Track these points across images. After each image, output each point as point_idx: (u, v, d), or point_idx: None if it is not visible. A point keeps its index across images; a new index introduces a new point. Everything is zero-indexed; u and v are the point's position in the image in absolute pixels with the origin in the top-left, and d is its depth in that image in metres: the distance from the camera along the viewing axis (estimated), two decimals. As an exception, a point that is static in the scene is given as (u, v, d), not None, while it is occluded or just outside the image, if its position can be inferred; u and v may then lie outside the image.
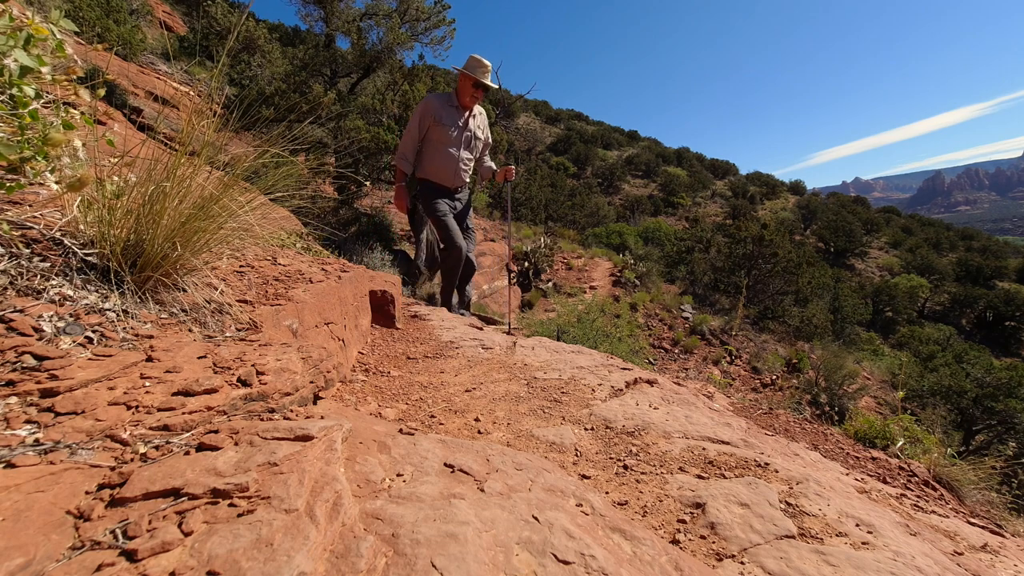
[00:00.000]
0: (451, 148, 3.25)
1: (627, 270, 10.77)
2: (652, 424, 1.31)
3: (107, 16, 8.08)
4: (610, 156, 36.86)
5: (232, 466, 0.63)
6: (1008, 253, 31.84)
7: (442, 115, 3.20)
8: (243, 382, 0.86)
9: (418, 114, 3.21)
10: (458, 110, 3.26)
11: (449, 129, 3.21)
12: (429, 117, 3.21)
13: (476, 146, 3.43)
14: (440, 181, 3.31)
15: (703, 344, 8.55)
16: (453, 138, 3.23)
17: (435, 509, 0.64)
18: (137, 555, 0.48)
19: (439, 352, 2.06)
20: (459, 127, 3.26)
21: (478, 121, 3.41)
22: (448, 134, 3.21)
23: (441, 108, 3.20)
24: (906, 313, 19.77)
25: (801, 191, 38.46)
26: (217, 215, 1.15)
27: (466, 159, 3.35)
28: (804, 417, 2.52)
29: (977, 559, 1.03)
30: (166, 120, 4.88)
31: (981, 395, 8.31)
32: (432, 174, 3.31)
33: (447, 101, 3.23)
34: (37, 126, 0.96)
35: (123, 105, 5.79)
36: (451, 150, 3.25)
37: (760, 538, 0.86)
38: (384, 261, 5.69)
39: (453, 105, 3.24)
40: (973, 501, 1.90)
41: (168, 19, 12.62)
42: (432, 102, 3.21)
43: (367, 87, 7.05)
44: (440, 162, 3.26)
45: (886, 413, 7.27)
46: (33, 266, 0.89)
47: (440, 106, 3.20)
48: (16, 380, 0.68)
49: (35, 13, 0.97)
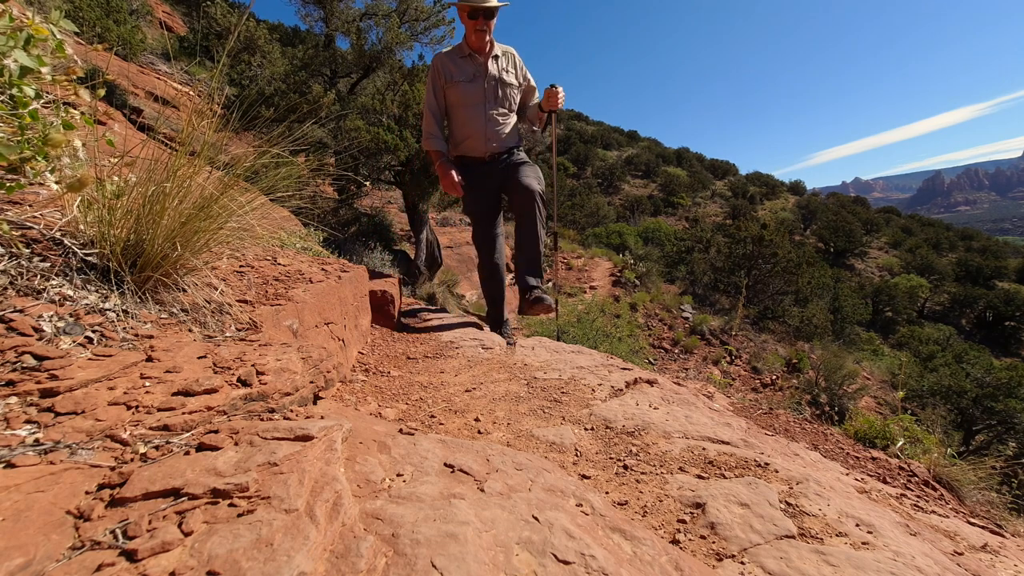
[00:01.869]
0: (474, 106, 2.63)
1: (627, 270, 10.78)
2: (652, 424, 1.31)
3: (107, 16, 8.09)
4: (610, 156, 36.86)
5: (232, 466, 0.63)
6: (1008, 253, 31.87)
7: (452, 71, 2.61)
8: (243, 382, 0.86)
9: (429, 80, 2.67)
10: (470, 58, 2.63)
11: (464, 84, 2.61)
12: (440, 78, 2.64)
13: (509, 94, 2.70)
14: (471, 153, 2.69)
15: (703, 344, 8.55)
16: (472, 93, 2.61)
17: (435, 509, 0.64)
18: (137, 555, 0.48)
19: (439, 352, 2.06)
20: (476, 78, 2.62)
21: (502, 63, 2.70)
22: (465, 91, 2.61)
23: (449, 62, 2.62)
24: (906, 313, 19.78)
25: (801, 191, 38.50)
26: (217, 215, 1.15)
27: (498, 115, 2.66)
28: (804, 417, 2.52)
29: (977, 559, 1.03)
30: (166, 120, 4.88)
31: (981, 395, 8.31)
32: (462, 149, 2.71)
33: (456, 53, 2.65)
34: (37, 126, 0.96)
35: (123, 105, 5.80)
36: (475, 108, 2.63)
37: (760, 538, 0.86)
38: (384, 261, 5.69)
39: (463, 55, 2.64)
40: (973, 501, 1.90)
41: (168, 19, 12.62)
42: (437, 60, 2.66)
43: (367, 87, 7.05)
44: (468, 129, 2.65)
45: (886, 413, 7.27)
46: (33, 266, 0.89)
47: (448, 60, 2.63)
48: (16, 380, 0.68)
49: (35, 13, 0.97)
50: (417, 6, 6.89)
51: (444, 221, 11.46)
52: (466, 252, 10.13)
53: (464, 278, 9.08)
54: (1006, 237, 74.24)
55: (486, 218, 2.75)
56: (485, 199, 2.73)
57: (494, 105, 2.65)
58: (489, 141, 2.64)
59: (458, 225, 11.68)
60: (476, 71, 2.62)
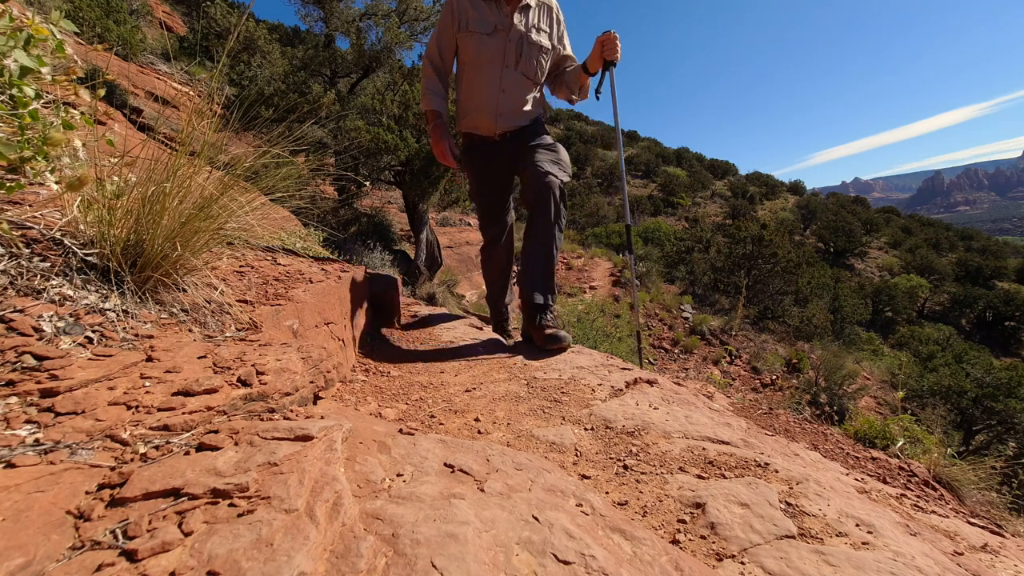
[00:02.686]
0: (488, 68, 2.01)
1: (627, 270, 10.78)
2: (652, 424, 1.31)
3: (107, 16, 8.09)
4: (610, 156, 36.88)
5: (232, 466, 0.63)
6: (1008, 253, 31.90)
7: (470, 16, 2.00)
8: (243, 382, 0.86)
9: (440, 23, 2.09)
10: (495, 3, 2.00)
11: (481, 37, 1.99)
12: (454, 23, 2.03)
13: (535, 60, 2.04)
14: (478, 130, 2.12)
15: (703, 344, 8.56)
16: (489, 50, 1.99)
17: (435, 509, 0.64)
18: (137, 555, 0.48)
19: (439, 352, 2.06)
20: (497, 31, 1.99)
21: (533, 17, 2.04)
22: (481, 45, 1.99)
23: (468, 4, 2.01)
24: (906, 313, 19.79)
25: (801, 191, 38.53)
26: (217, 215, 1.15)
27: (516, 85, 2.04)
28: (804, 417, 2.52)
29: (977, 559, 1.03)
30: (166, 120, 4.88)
31: (981, 395, 8.31)
32: (468, 123, 2.14)
33: None
34: (37, 126, 0.96)
35: (123, 105, 5.80)
36: (488, 71, 2.01)
37: (760, 538, 0.86)
38: (384, 261, 5.69)
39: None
40: (973, 501, 1.90)
41: (168, 19, 12.63)
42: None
43: (367, 87, 7.06)
44: (477, 98, 2.05)
45: (886, 413, 7.27)
46: (33, 266, 0.89)
47: (468, 2, 2.01)
48: (16, 380, 0.68)
49: (35, 13, 0.97)
50: (417, 6, 6.90)
51: (444, 221, 11.46)
52: (466, 252, 10.14)
53: (464, 278, 9.08)
54: (1006, 237, 74.36)
55: (494, 207, 2.24)
56: (493, 184, 2.19)
57: (513, 71, 2.02)
58: (500, 117, 2.05)
59: (458, 225, 11.68)
60: (499, 22, 1.99)
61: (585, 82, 2.14)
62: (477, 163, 2.18)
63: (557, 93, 2.27)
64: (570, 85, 2.17)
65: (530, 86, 2.09)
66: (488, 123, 2.07)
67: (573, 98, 2.23)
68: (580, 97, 2.21)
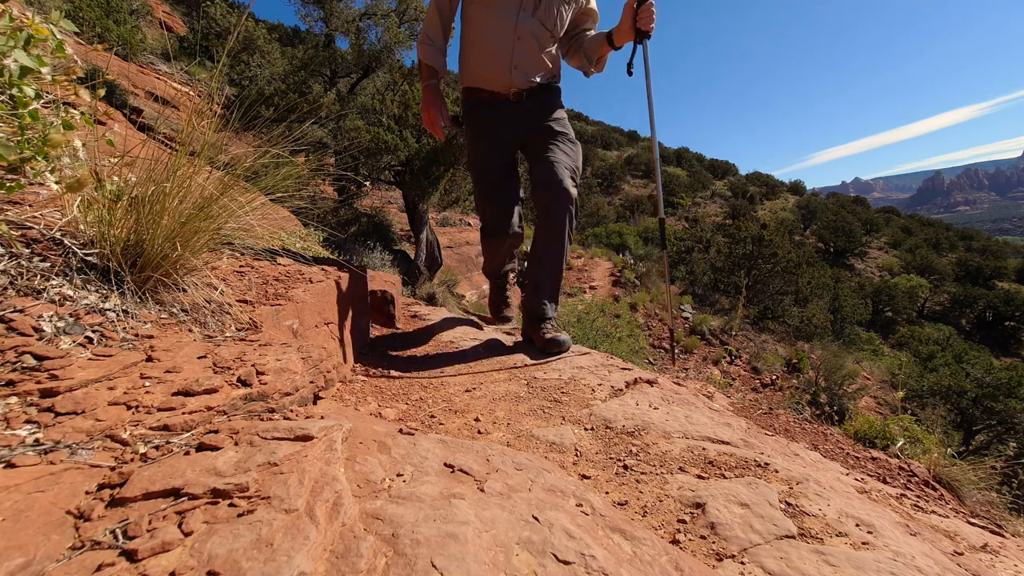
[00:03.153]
0: (502, 12, 1.76)
1: (627, 270, 10.78)
2: (652, 424, 1.31)
3: (107, 16, 8.09)
4: (610, 156, 36.87)
5: (232, 466, 0.63)
6: (1008, 253, 31.91)
7: None
8: (243, 382, 0.86)
9: None
10: None
11: None
12: None
13: (559, 7, 1.79)
14: (488, 85, 1.85)
15: (703, 344, 8.56)
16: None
17: (435, 509, 0.64)
18: (137, 555, 0.48)
19: (439, 352, 2.06)
20: None
21: None
22: None
23: None
24: (906, 313, 19.80)
25: (801, 191, 38.53)
26: (217, 215, 1.15)
27: (534, 34, 1.78)
28: (804, 417, 2.52)
29: (977, 559, 1.03)
30: (166, 120, 4.88)
31: (981, 395, 8.32)
32: (476, 77, 1.87)
33: None
34: (37, 126, 0.96)
35: (123, 105, 5.80)
36: (502, 16, 1.76)
37: (760, 538, 0.86)
38: (384, 261, 5.69)
39: None
40: (973, 501, 1.90)
41: (168, 19, 12.63)
42: None
43: (367, 87, 7.06)
44: (488, 47, 1.80)
45: (886, 413, 7.27)
46: (33, 266, 0.89)
47: None
48: (16, 380, 0.68)
49: (35, 13, 0.97)
50: (417, 6, 6.90)
51: (444, 221, 11.45)
52: (466, 252, 10.14)
53: (464, 278, 9.08)
54: (1006, 237, 74.36)
55: (492, 181, 1.94)
56: (496, 154, 1.92)
57: (531, 17, 1.75)
58: (515, 69, 1.79)
59: (458, 225, 11.68)
60: None
61: (606, 54, 1.89)
62: (480, 126, 1.90)
63: (571, 60, 2.01)
64: (588, 54, 1.91)
65: (548, 39, 1.83)
66: (501, 76, 1.80)
67: (590, 70, 1.98)
68: (596, 70, 1.98)
